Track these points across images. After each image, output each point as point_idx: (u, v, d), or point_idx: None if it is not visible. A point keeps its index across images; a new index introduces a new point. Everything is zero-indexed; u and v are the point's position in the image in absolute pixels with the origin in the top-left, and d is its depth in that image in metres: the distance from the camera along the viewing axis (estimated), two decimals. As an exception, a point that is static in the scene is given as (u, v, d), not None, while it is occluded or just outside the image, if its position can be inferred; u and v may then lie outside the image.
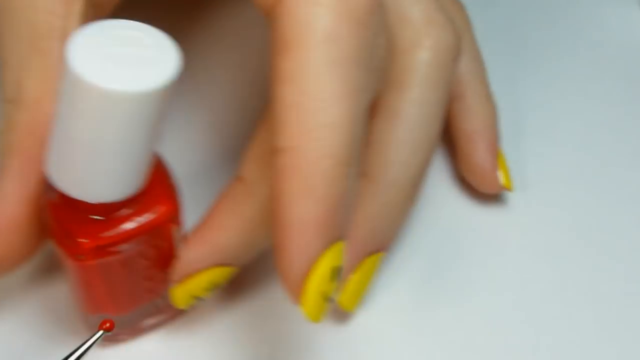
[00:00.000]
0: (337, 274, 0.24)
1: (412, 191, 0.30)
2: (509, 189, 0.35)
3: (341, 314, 0.32)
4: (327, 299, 0.24)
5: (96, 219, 0.25)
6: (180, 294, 0.28)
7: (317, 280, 0.23)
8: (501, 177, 0.34)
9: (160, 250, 0.27)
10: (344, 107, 0.23)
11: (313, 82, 0.22)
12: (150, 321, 0.31)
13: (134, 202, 0.25)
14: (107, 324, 0.26)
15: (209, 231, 0.27)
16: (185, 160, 0.33)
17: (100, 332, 0.26)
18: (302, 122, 0.23)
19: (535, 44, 0.42)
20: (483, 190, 0.35)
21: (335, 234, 0.23)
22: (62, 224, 0.25)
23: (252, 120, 0.31)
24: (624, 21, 0.43)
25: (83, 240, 0.25)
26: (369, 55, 0.24)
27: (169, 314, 0.31)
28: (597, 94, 0.40)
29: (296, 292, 0.23)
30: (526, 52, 0.42)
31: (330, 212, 0.23)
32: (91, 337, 0.26)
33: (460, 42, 0.31)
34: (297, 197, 0.23)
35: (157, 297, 0.29)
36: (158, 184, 0.26)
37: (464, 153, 0.35)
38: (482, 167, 0.34)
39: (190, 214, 0.28)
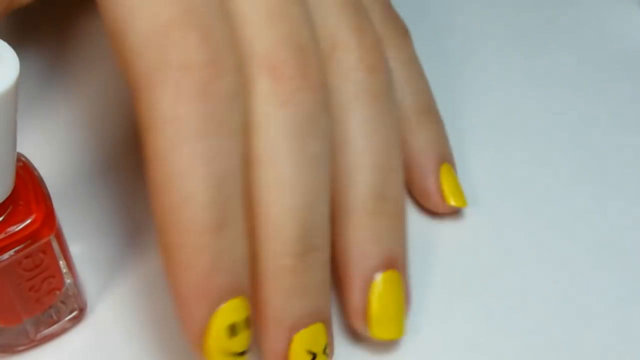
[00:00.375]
0: (239, 329, 0.25)
1: (374, 204, 0.29)
2: (460, 206, 0.34)
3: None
4: (237, 353, 0.26)
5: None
6: None
7: (213, 341, 0.25)
8: (449, 197, 0.33)
9: (40, 260, 0.27)
10: (199, 178, 0.24)
11: (168, 162, 0.24)
12: (46, 331, 0.30)
13: (3, 212, 0.25)
14: None
15: None
16: (62, 172, 0.35)
17: None
18: (164, 200, 0.24)
19: (535, 43, 0.42)
20: (433, 209, 0.34)
21: (220, 295, 0.25)
22: None
23: (130, 134, 0.35)
24: (624, 21, 0.43)
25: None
26: (223, 121, 0.24)
27: (65, 324, 0.31)
28: (597, 94, 0.40)
29: (200, 354, 0.26)
30: (526, 52, 0.42)
31: (205, 279, 0.25)
32: None
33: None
34: (172, 271, 0.25)
35: (48, 308, 0.29)
36: (27, 193, 0.26)
37: (408, 175, 0.34)
38: (424, 190, 0.34)
39: (71, 227, 0.29)
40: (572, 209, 0.36)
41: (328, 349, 0.28)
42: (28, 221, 0.25)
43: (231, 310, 0.25)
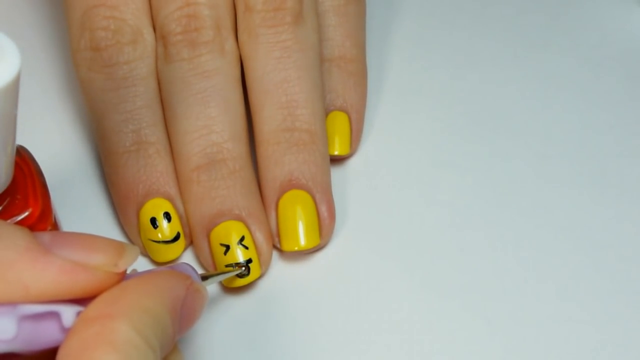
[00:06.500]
0: (159, 221, 0.32)
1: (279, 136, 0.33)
2: (340, 154, 0.36)
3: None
4: (163, 241, 0.32)
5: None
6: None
7: (143, 232, 0.33)
8: (334, 145, 0.36)
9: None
10: (112, 117, 0.33)
11: (95, 110, 0.34)
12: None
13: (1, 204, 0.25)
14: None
15: None
16: (63, 167, 0.36)
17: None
18: (98, 135, 0.34)
19: (535, 43, 0.42)
20: None
21: (141, 198, 0.33)
22: None
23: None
24: (624, 21, 0.43)
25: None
26: (126, 77, 0.33)
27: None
28: (597, 94, 0.40)
29: (141, 247, 0.33)
30: (526, 52, 0.42)
31: (129, 187, 0.33)
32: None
33: None
34: (110, 185, 0.34)
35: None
36: (26, 187, 0.26)
37: None
38: None
39: (67, 216, 0.29)
40: (571, 209, 0.36)
41: (248, 241, 0.32)
42: (24, 215, 0.25)
43: (150, 207, 0.32)
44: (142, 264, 0.33)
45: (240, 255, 0.32)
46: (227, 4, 0.34)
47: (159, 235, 0.32)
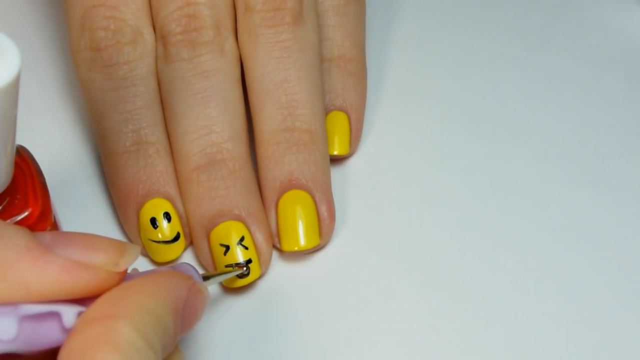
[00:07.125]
0: (159, 221, 0.32)
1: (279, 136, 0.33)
2: (340, 153, 0.36)
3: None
4: (163, 241, 0.32)
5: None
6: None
7: (143, 233, 0.33)
8: (333, 145, 0.36)
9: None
10: (112, 116, 0.33)
11: (94, 109, 0.34)
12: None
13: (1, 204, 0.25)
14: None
15: None
16: (60, 162, 0.36)
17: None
18: (98, 135, 0.34)
19: (535, 44, 0.42)
20: None
21: (141, 199, 0.33)
22: None
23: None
24: (624, 21, 0.43)
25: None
26: (125, 77, 0.33)
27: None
28: (597, 94, 0.40)
29: (141, 246, 0.33)
30: (526, 52, 0.42)
31: (129, 187, 0.33)
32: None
33: None
34: (110, 185, 0.34)
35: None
36: (26, 187, 0.26)
37: None
38: None
39: (67, 216, 0.29)
40: (571, 209, 0.36)
41: (248, 241, 0.32)
42: (24, 215, 0.25)
43: (150, 207, 0.32)
44: (142, 264, 0.33)
45: (240, 256, 0.32)
46: (227, 4, 0.34)
47: (159, 235, 0.32)
